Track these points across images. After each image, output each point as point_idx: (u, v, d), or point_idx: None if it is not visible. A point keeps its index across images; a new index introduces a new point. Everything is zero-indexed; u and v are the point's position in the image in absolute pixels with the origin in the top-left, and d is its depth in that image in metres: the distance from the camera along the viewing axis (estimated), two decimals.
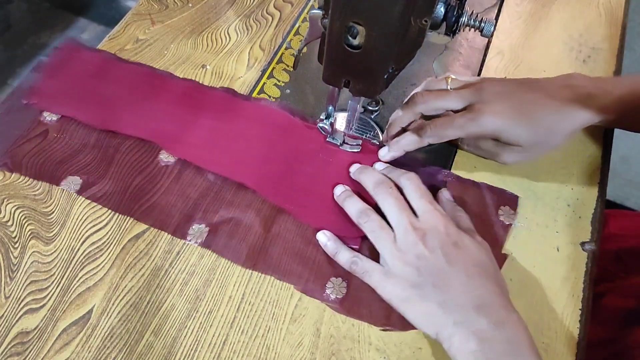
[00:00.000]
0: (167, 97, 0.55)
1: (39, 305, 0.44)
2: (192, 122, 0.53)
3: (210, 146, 0.51)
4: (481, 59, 0.62)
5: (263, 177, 0.50)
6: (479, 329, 0.38)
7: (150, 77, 0.56)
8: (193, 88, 0.56)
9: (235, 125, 0.53)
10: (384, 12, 0.34)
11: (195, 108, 0.54)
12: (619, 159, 1.30)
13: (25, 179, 0.50)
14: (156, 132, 0.52)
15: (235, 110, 0.54)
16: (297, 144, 0.52)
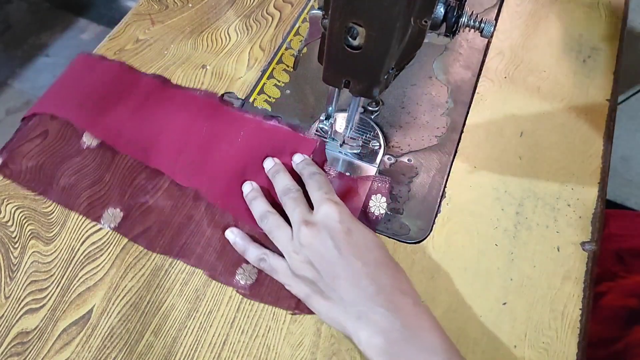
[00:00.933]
0: (92, 80, 0.55)
1: (39, 305, 0.44)
2: (115, 105, 0.53)
3: (129, 130, 0.51)
4: (481, 59, 0.62)
5: (177, 162, 0.50)
6: (378, 320, 0.37)
7: (82, 63, 0.57)
8: (122, 71, 0.56)
9: (157, 111, 0.53)
10: (384, 12, 0.34)
11: (120, 92, 0.54)
12: (619, 159, 1.31)
13: (26, 178, 0.50)
14: (79, 114, 0.52)
15: (160, 96, 0.54)
16: (216, 128, 0.52)
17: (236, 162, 0.49)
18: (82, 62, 0.57)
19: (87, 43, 1.66)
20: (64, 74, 0.56)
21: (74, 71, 0.56)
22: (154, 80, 0.56)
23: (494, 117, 0.57)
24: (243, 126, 0.52)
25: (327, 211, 0.42)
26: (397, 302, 0.38)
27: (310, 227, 0.41)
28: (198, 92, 0.55)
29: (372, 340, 0.37)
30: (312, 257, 0.40)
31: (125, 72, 0.56)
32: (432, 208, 0.50)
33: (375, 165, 0.53)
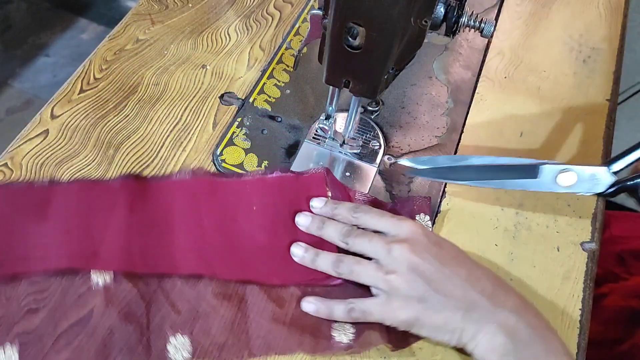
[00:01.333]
0: (59, 209, 0.46)
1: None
2: (103, 227, 0.45)
3: (136, 247, 0.44)
4: (481, 59, 0.62)
5: (206, 259, 0.44)
6: (501, 320, 0.37)
7: (28, 192, 0.47)
8: (84, 188, 0.48)
9: (150, 214, 0.46)
10: (384, 12, 0.34)
11: (97, 210, 0.46)
12: None
13: (25, 179, 0.50)
14: (70, 253, 0.44)
15: (145, 196, 0.47)
16: (224, 207, 0.47)
17: (267, 232, 0.46)
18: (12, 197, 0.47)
19: (87, 43, 1.66)
20: None
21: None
22: (125, 181, 0.48)
23: (494, 117, 0.57)
24: (249, 192, 0.48)
25: (410, 228, 0.41)
26: (513, 301, 0.38)
27: (401, 244, 0.40)
28: (178, 176, 0.49)
29: (497, 340, 0.37)
30: (415, 273, 0.39)
31: (87, 187, 0.48)
32: (432, 208, 0.50)
33: (375, 165, 0.53)
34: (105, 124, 0.54)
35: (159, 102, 0.56)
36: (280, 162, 0.53)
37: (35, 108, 1.15)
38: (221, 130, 0.55)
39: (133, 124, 0.55)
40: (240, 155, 0.53)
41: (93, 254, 0.44)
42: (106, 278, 0.43)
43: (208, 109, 0.56)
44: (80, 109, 0.55)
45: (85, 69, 0.58)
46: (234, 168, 0.52)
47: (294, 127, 0.56)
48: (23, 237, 0.45)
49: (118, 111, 0.55)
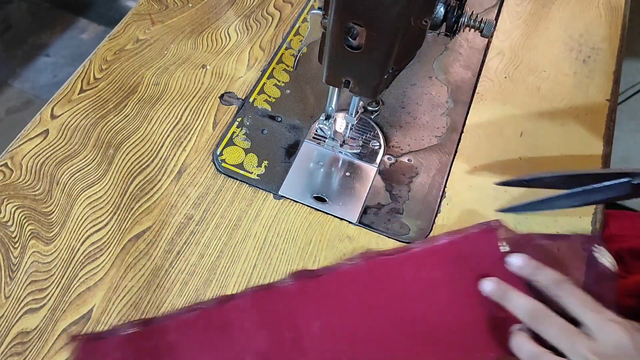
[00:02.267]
0: (244, 325, 0.43)
1: (39, 305, 0.44)
2: (300, 337, 0.42)
3: (339, 348, 0.42)
4: (481, 59, 0.62)
5: (416, 346, 0.41)
6: None
7: (202, 318, 0.43)
8: (265, 297, 0.44)
9: (333, 314, 0.43)
10: (384, 12, 0.34)
11: (293, 313, 0.43)
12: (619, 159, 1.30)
13: (26, 179, 0.50)
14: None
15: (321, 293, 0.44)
16: (405, 287, 0.44)
17: (460, 306, 0.43)
18: None
19: (87, 43, 1.66)
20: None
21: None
22: (302, 282, 0.45)
23: (494, 117, 0.57)
24: (420, 266, 0.45)
25: (616, 339, 0.36)
26: None
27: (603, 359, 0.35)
28: (347, 264, 0.45)
29: None
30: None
31: (261, 296, 0.44)
32: (432, 208, 0.50)
33: (375, 165, 0.53)
34: (105, 124, 0.54)
35: (159, 102, 0.56)
36: (280, 162, 0.53)
37: (35, 108, 1.15)
38: (221, 130, 0.55)
39: (133, 124, 0.55)
40: (240, 155, 0.53)
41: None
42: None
43: (208, 109, 0.56)
44: (80, 109, 0.55)
45: (85, 69, 0.58)
46: (234, 168, 0.52)
47: (294, 127, 0.56)
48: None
49: (118, 111, 0.55)
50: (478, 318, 0.42)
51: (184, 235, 0.48)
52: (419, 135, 0.56)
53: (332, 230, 0.49)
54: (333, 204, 0.50)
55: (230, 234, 0.48)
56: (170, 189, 0.50)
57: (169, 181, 0.51)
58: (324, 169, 0.53)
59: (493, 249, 0.45)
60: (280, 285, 0.44)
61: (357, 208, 0.50)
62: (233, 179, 0.52)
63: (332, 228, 0.49)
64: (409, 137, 0.55)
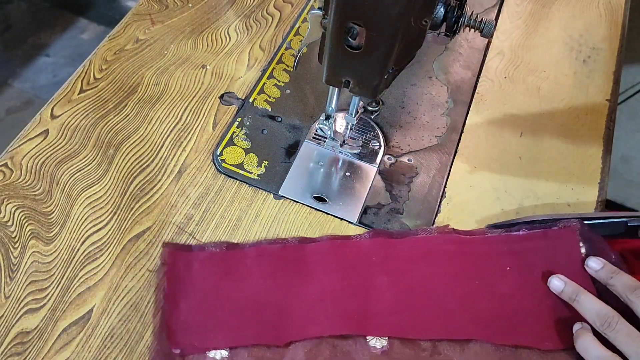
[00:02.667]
0: (317, 268, 0.45)
1: (39, 305, 0.44)
2: (368, 286, 0.44)
3: (399, 310, 0.43)
4: (481, 59, 0.62)
5: (473, 319, 0.43)
6: None
7: (282, 253, 0.46)
8: (339, 246, 0.47)
9: (405, 275, 0.45)
10: (384, 12, 0.34)
11: (352, 270, 0.45)
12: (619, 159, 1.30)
13: (25, 179, 0.50)
14: (344, 317, 0.43)
15: (394, 255, 0.46)
16: (481, 264, 0.46)
17: (529, 294, 0.44)
18: (177, 261, 0.46)
19: (87, 43, 1.66)
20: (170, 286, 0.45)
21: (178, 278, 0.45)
22: (375, 240, 0.47)
23: (494, 117, 0.57)
24: (491, 251, 0.46)
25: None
26: None
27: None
28: (423, 233, 0.47)
29: None
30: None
31: (337, 245, 0.47)
32: (432, 208, 0.50)
33: (375, 165, 0.53)
34: (105, 124, 0.54)
35: (159, 102, 0.56)
36: (280, 162, 0.53)
37: (35, 108, 1.15)
38: (221, 130, 0.55)
39: (133, 124, 0.55)
40: (240, 155, 0.53)
41: (363, 318, 0.42)
42: (383, 343, 0.42)
43: (208, 109, 0.56)
44: (80, 109, 0.55)
45: (85, 69, 0.58)
46: (234, 168, 0.52)
47: (294, 127, 0.56)
48: (288, 301, 0.44)
49: (118, 111, 0.55)
50: (541, 309, 0.43)
51: (184, 235, 0.48)
52: (419, 135, 0.56)
53: (332, 230, 0.49)
54: (333, 204, 0.50)
55: (230, 234, 0.48)
56: (170, 189, 0.50)
57: (169, 181, 0.51)
58: (324, 169, 0.53)
59: (573, 248, 0.45)
60: (358, 238, 0.47)
61: (357, 208, 0.50)
62: (233, 179, 0.52)
63: (332, 228, 0.49)
64: (409, 137, 0.55)
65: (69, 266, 0.46)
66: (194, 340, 0.42)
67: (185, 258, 0.46)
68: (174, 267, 0.45)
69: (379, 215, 0.50)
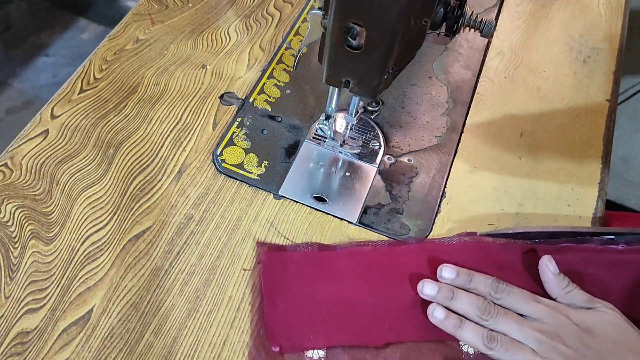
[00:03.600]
0: (410, 272, 0.46)
1: (39, 305, 0.44)
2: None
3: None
4: (481, 59, 0.62)
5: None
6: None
7: (373, 255, 0.47)
8: (433, 248, 0.47)
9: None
10: (384, 12, 0.34)
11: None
12: (619, 159, 1.30)
13: (25, 179, 0.50)
14: (423, 323, 0.43)
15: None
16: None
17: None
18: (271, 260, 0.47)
19: (87, 43, 1.66)
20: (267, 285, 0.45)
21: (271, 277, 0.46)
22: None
23: (494, 117, 0.57)
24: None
25: (555, 318, 0.40)
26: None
27: (549, 336, 0.39)
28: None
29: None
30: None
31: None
32: (432, 208, 0.50)
33: (375, 165, 0.53)
34: (105, 124, 0.54)
35: (159, 102, 0.56)
36: (280, 162, 0.53)
37: (35, 108, 1.15)
38: (221, 130, 0.55)
39: (133, 124, 0.55)
40: (240, 155, 0.53)
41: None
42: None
43: (208, 109, 0.56)
44: (80, 109, 0.55)
45: (85, 69, 0.58)
46: (234, 168, 0.52)
47: (294, 127, 0.56)
48: (383, 303, 0.45)
49: (118, 111, 0.55)
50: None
51: (184, 235, 0.48)
52: (419, 135, 0.56)
53: (332, 230, 0.49)
54: (333, 204, 0.50)
55: (230, 234, 0.48)
56: (170, 189, 0.50)
57: (169, 181, 0.51)
58: (324, 169, 0.53)
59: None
60: (447, 241, 0.47)
61: (357, 208, 0.50)
62: (233, 179, 0.52)
63: (332, 228, 0.49)
64: (409, 137, 0.55)
65: (69, 266, 0.46)
66: (293, 339, 0.43)
67: (281, 258, 0.46)
68: (270, 266, 0.46)
69: (379, 215, 0.50)
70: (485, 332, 0.41)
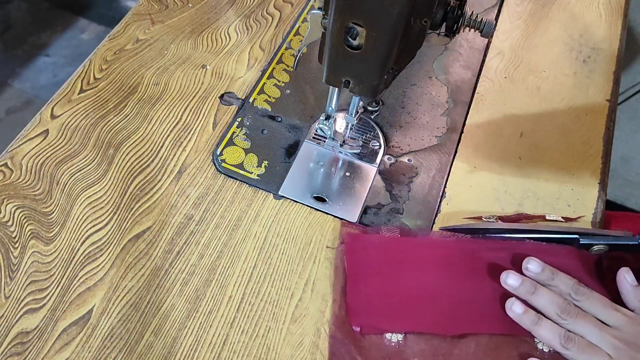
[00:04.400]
0: (490, 266, 0.46)
1: (39, 305, 0.44)
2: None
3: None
4: (481, 59, 0.62)
5: None
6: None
7: (454, 246, 0.47)
8: (512, 246, 0.47)
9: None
10: (384, 12, 0.34)
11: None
12: (619, 159, 1.30)
13: (25, 179, 0.50)
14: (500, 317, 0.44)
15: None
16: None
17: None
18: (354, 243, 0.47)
19: (87, 43, 1.66)
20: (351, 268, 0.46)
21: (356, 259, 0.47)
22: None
23: (494, 117, 0.57)
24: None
25: (636, 327, 0.40)
26: None
27: (630, 347, 0.39)
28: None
29: None
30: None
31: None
32: (432, 208, 0.50)
33: (375, 165, 0.53)
34: (105, 124, 0.54)
35: (159, 102, 0.56)
36: (280, 162, 0.53)
37: (35, 108, 1.15)
38: (221, 130, 0.55)
39: (133, 124, 0.55)
40: (240, 155, 0.53)
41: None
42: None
43: (208, 109, 0.56)
44: (80, 109, 0.55)
45: (85, 69, 0.58)
46: (234, 168, 0.52)
47: (294, 127, 0.56)
48: (462, 294, 0.45)
49: (118, 111, 0.55)
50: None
51: (184, 236, 0.48)
52: (419, 135, 0.56)
53: (332, 230, 0.49)
54: (333, 204, 0.50)
55: (230, 234, 0.48)
56: (170, 189, 0.50)
57: (169, 181, 0.51)
58: (324, 169, 0.53)
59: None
60: (529, 244, 0.47)
61: (357, 208, 0.50)
62: (233, 179, 0.52)
63: (332, 228, 0.49)
64: (409, 137, 0.55)
65: (69, 266, 0.46)
66: (373, 321, 0.43)
67: (364, 240, 0.47)
68: (353, 248, 0.47)
69: (379, 215, 0.50)
70: (562, 332, 0.41)
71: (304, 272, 0.46)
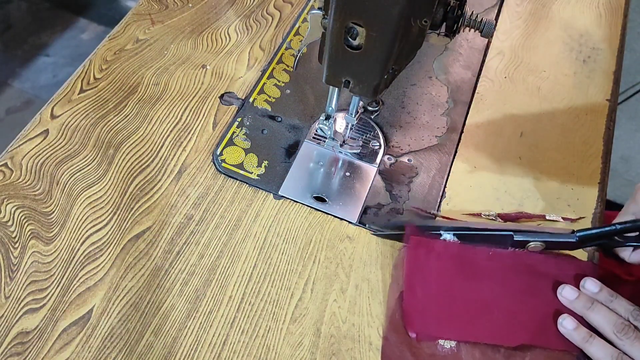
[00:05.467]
0: (547, 282, 0.46)
1: (39, 305, 0.44)
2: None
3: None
4: (481, 59, 0.62)
5: None
6: None
7: (511, 258, 0.47)
8: (566, 261, 0.47)
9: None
10: (384, 12, 0.34)
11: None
12: (619, 159, 1.30)
13: (25, 179, 0.50)
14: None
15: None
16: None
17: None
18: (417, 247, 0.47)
19: (87, 43, 1.66)
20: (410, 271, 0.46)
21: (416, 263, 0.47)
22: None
23: (494, 117, 0.57)
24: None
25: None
26: None
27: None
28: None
29: None
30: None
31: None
32: (432, 208, 0.50)
33: (375, 165, 0.53)
34: (105, 124, 0.54)
35: (159, 102, 0.56)
36: (280, 162, 0.53)
37: (35, 108, 1.15)
38: (221, 130, 0.55)
39: (133, 124, 0.55)
40: (240, 155, 0.53)
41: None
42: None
43: (208, 109, 0.56)
44: (80, 109, 0.55)
45: (85, 69, 0.58)
46: (234, 168, 0.52)
47: (294, 127, 0.56)
48: (517, 308, 0.45)
49: (118, 111, 0.55)
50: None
51: (184, 235, 0.48)
52: (419, 135, 0.56)
53: (332, 230, 0.49)
54: (333, 204, 0.50)
55: (230, 234, 0.48)
56: (170, 189, 0.51)
57: (169, 181, 0.51)
58: (324, 169, 0.53)
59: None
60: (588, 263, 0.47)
61: (357, 208, 0.50)
62: (233, 179, 0.52)
63: (332, 228, 0.49)
64: (409, 137, 0.55)
65: (69, 266, 0.46)
66: (429, 328, 0.44)
67: (426, 245, 0.47)
68: (415, 254, 0.47)
69: (379, 215, 0.50)
70: (615, 353, 0.40)
71: (304, 272, 0.46)
